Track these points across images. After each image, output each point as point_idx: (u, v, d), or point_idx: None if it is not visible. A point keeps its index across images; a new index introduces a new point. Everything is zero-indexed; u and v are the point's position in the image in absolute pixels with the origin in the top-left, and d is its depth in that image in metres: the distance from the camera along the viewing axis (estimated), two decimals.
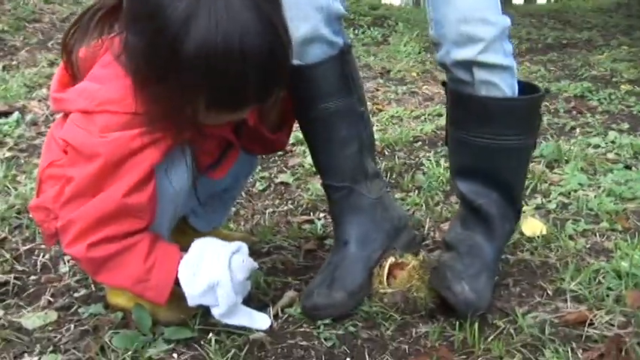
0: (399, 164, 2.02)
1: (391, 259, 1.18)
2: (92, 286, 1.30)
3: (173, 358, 1.08)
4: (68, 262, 1.39)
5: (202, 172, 1.12)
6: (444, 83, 1.19)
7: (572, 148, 2.11)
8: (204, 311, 1.14)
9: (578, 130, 2.40)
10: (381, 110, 2.65)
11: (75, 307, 1.23)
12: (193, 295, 1.02)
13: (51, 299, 1.26)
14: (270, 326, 1.14)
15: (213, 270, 1.01)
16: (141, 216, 0.99)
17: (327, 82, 1.14)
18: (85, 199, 0.97)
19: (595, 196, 1.73)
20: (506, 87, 1.10)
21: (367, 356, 1.06)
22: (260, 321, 1.10)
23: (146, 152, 0.96)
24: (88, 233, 0.98)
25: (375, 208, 1.25)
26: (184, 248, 1.06)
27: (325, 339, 1.12)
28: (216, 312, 1.05)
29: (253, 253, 1.41)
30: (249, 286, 1.11)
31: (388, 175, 1.94)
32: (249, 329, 1.12)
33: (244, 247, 1.07)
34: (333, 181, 1.22)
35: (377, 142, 2.21)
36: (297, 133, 2.25)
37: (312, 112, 1.16)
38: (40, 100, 2.60)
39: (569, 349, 1.07)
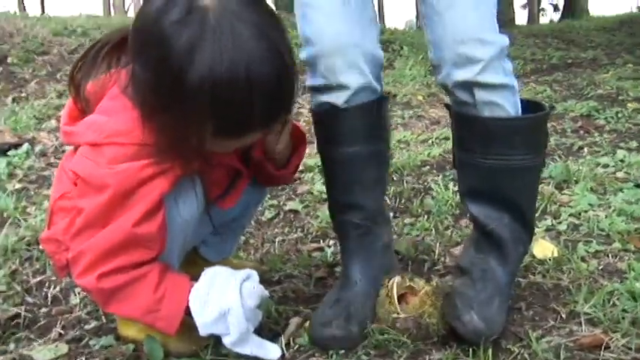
0: (407, 189, 2.02)
1: (397, 279, 1.17)
2: (103, 318, 1.30)
3: None
4: (79, 294, 1.39)
5: (212, 202, 1.12)
6: (447, 106, 1.19)
7: (580, 168, 2.11)
8: (216, 342, 1.13)
9: (586, 149, 2.40)
10: None
11: (86, 340, 1.23)
12: (205, 324, 1.02)
13: (62, 332, 1.26)
14: (282, 356, 1.13)
15: (223, 297, 1.01)
16: (150, 246, 1.00)
17: (364, 125, 1.14)
18: (96, 230, 0.98)
19: (606, 216, 1.72)
20: (509, 106, 1.10)
21: None
22: (271, 351, 1.09)
23: (155, 182, 0.96)
24: (98, 264, 0.98)
25: (384, 253, 1.26)
26: (195, 278, 1.06)
27: None
28: (227, 340, 1.04)
29: (264, 282, 1.40)
30: (261, 315, 1.11)
31: (397, 200, 1.95)
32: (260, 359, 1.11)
33: (254, 275, 1.07)
34: (355, 218, 1.21)
35: None
36: (305, 160, 2.30)
37: (343, 153, 1.16)
38: (49, 132, 2.63)
39: None
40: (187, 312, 1.04)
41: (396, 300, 1.16)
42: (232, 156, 1.12)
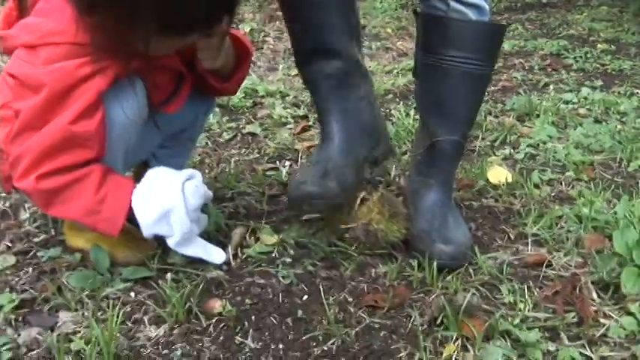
0: None
1: (363, 194, 1.19)
2: (52, 231, 1.29)
3: (130, 296, 1.08)
4: (29, 209, 1.38)
5: (157, 108, 1.11)
6: (415, 12, 1.23)
7: (544, 103, 2.14)
8: (163, 252, 1.15)
9: (551, 86, 2.42)
10: None
11: (33, 252, 1.23)
12: (147, 224, 1.03)
13: (9, 244, 1.26)
14: (228, 264, 1.16)
15: (166, 196, 1.01)
16: (90, 145, 0.98)
17: None
18: (34, 132, 0.96)
19: (563, 147, 1.76)
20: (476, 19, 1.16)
21: (325, 294, 1.08)
22: (215, 254, 1.11)
23: (92, 80, 0.95)
24: (36, 165, 0.97)
25: (363, 108, 1.20)
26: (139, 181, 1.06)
27: (283, 277, 1.14)
28: (171, 242, 1.05)
29: (217, 199, 1.42)
30: (206, 220, 1.12)
31: None
32: (206, 267, 1.13)
33: (198, 174, 1.07)
34: (327, 67, 1.14)
35: None
36: (267, 86, 2.29)
37: None
38: None
39: (525, 287, 1.10)
40: (131, 218, 1.04)
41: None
42: (174, 58, 1.10)
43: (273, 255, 1.20)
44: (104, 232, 1.04)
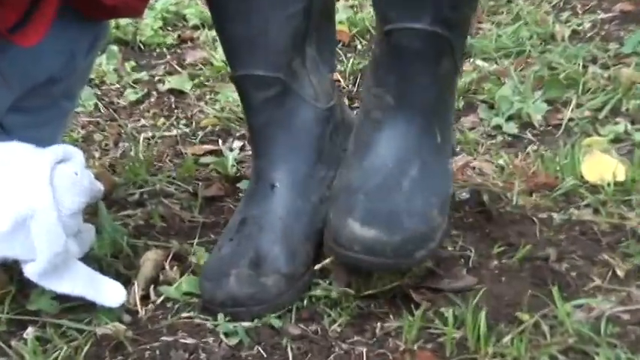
0: None
1: None
2: None
3: None
4: None
5: (4, 36, 1.11)
6: None
7: None
8: (18, 290, 1.15)
9: None
10: None
11: None
12: None
13: None
14: (133, 312, 1.16)
15: (21, 193, 1.01)
16: None
17: None
18: None
19: None
20: None
21: None
22: (110, 293, 1.11)
23: None
24: None
25: (323, 125, 1.32)
26: None
27: (227, 335, 1.14)
28: (32, 270, 1.04)
29: (114, 202, 1.45)
30: (92, 235, 1.12)
31: None
32: (95, 317, 1.13)
33: (77, 155, 1.08)
34: (258, 70, 1.25)
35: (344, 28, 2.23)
36: (202, 8, 2.29)
37: None
38: None
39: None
40: None
41: None
42: None
43: None
44: None
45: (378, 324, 1.17)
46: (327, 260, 1.21)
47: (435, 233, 1.18)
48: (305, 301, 1.22)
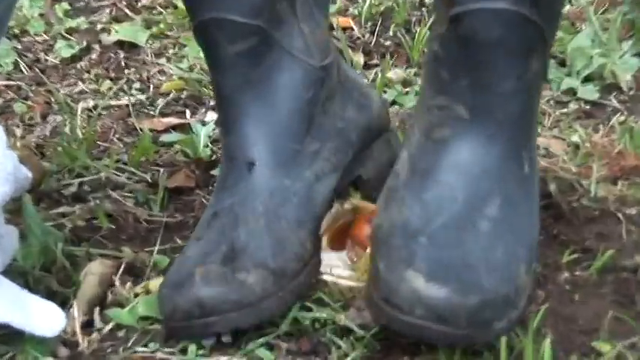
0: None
1: (337, 208, 1.24)
2: None
3: None
4: None
5: None
6: None
7: None
8: None
9: None
10: None
11: None
12: None
13: None
14: (71, 344, 1.16)
15: None
16: None
17: None
18: None
19: None
20: None
21: None
22: (44, 317, 1.12)
23: None
24: None
25: (315, 88, 1.32)
26: None
27: None
28: None
29: (45, 197, 1.46)
30: (15, 240, 1.13)
31: None
32: (22, 349, 1.13)
33: None
34: (231, 14, 1.25)
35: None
36: None
37: None
38: None
39: None
40: None
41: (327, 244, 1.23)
42: None
43: None
44: None
45: (405, 357, 1.16)
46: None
47: (519, 297, 1.12)
48: (306, 324, 1.19)
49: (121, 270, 1.29)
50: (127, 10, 2.08)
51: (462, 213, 1.13)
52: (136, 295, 1.25)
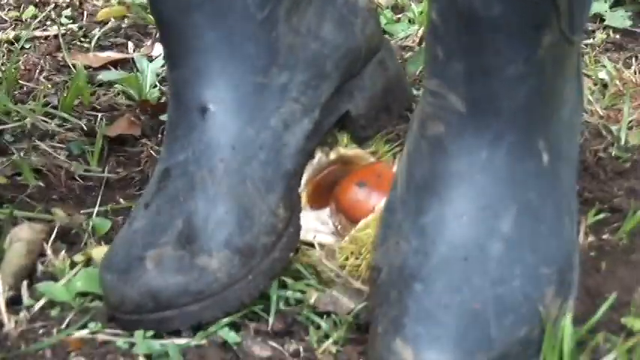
0: None
1: (320, 158, 1.27)
2: None
3: None
4: None
5: None
6: None
7: None
8: None
9: None
10: None
11: None
12: None
13: None
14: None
15: None
16: None
17: None
18: None
19: None
20: None
21: None
22: None
23: None
24: None
25: (271, 3, 1.29)
26: None
27: (150, 358, 1.14)
28: None
29: None
30: None
31: None
32: None
33: None
34: None
35: None
36: None
37: None
38: None
39: None
40: None
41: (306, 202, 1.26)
42: None
43: None
44: None
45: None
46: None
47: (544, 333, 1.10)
48: (279, 303, 1.21)
49: (53, 236, 1.29)
50: None
51: (467, 237, 1.11)
52: (73, 266, 1.26)
